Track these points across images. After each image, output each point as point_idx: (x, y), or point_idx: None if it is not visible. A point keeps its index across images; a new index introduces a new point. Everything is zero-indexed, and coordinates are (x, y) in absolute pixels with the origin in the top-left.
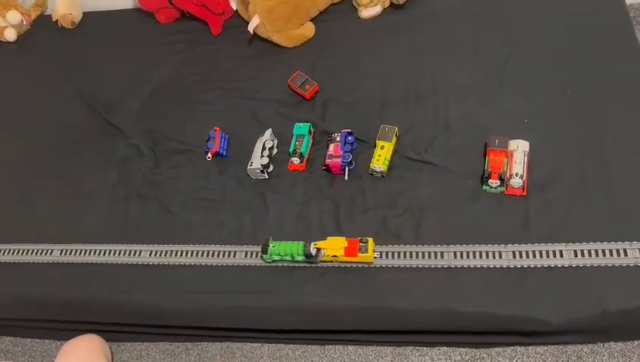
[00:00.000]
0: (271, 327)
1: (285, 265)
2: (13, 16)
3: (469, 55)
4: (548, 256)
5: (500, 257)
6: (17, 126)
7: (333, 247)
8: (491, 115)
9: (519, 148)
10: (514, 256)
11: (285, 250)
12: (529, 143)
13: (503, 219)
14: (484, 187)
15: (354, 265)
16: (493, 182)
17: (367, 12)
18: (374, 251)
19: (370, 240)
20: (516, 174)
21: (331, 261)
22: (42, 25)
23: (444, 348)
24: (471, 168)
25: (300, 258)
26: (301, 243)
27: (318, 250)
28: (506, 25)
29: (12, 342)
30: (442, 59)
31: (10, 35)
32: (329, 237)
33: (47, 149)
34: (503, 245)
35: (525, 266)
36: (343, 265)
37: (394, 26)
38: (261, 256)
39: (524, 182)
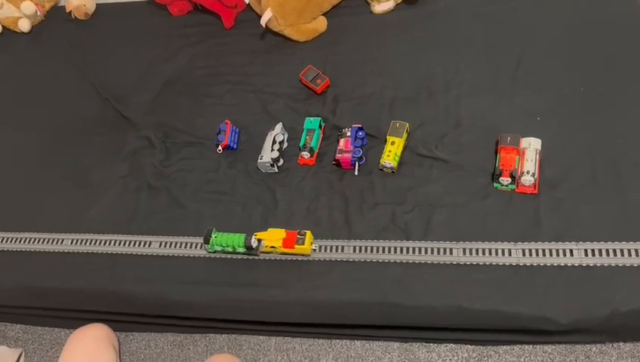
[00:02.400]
0: (278, 320)
1: (294, 258)
2: (28, 7)
3: (481, 52)
4: (558, 254)
5: (510, 255)
6: (29, 116)
7: (271, 238)
8: (503, 112)
9: (531, 145)
10: (523, 254)
11: (227, 241)
12: (541, 141)
13: (513, 217)
14: (495, 184)
15: (362, 260)
16: (504, 180)
17: (380, 7)
18: (312, 244)
19: (309, 232)
20: (527, 172)
21: (270, 252)
22: (56, 16)
23: (452, 345)
24: (482, 165)
25: (241, 249)
26: (243, 235)
27: (259, 241)
28: (520, 22)
29: (22, 329)
30: (454, 55)
31: (25, 25)
32: (269, 229)
33: (58, 140)
34: (512, 243)
35: (535, 264)
36: (351, 259)
37: (406, 21)
38: (203, 247)
39: (535, 180)
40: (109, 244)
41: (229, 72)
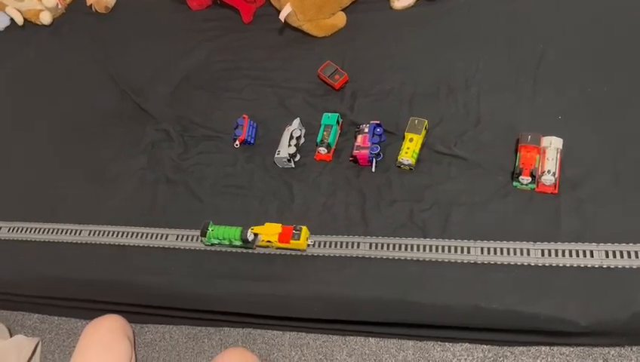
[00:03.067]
0: (292, 315)
1: (309, 253)
2: (49, 0)
3: (502, 49)
4: (578, 255)
5: (529, 255)
6: (49, 108)
7: (267, 233)
8: (524, 110)
9: (552, 144)
10: (542, 254)
11: (224, 234)
12: (562, 140)
13: (532, 217)
14: (515, 183)
15: (378, 256)
16: (524, 179)
17: (400, 3)
18: (308, 239)
19: (304, 228)
20: (548, 171)
21: (266, 246)
22: (76, 9)
23: (467, 344)
24: (501, 164)
25: (238, 242)
26: (239, 228)
27: (256, 235)
28: (542, 19)
29: (39, 319)
30: (475, 52)
31: (46, 18)
32: (266, 223)
33: (78, 132)
34: (531, 243)
35: (554, 265)
36: (367, 256)
37: (426, 17)
38: (200, 240)
39: (556, 180)
40: (127, 236)
41: (247, 66)
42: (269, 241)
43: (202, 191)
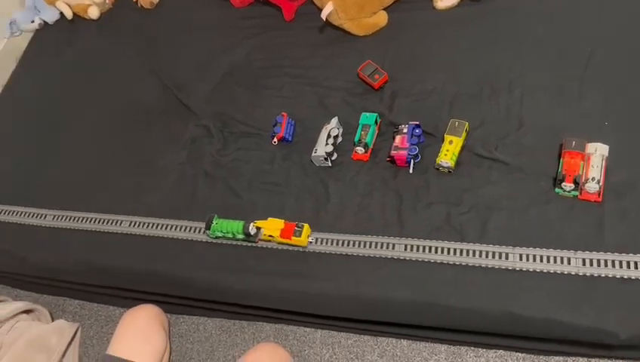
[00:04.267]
0: (325, 314)
1: (341, 252)
2: None
3: (548, 51)
4: (621, 266)
5: (569, 263)
6: (94, 101)
7: (270, 228)
8: (569, 115)
9: (597, 151)
10: (583, 264)
11: (227, 227)
12: (608, 147)
13: (574, 225)
14: (557, 190)
15: (413, 259)
16: (567, 186)
17: (444, 3)
18: (309, 236)
19: (306, 225)
20: (592, 178)
21: (268, 240)
22: (123, 4)
23: (501, 351)
24: (544, 169)
25: (241, 236)
26: (242, 222)
27: (258, 229)
28: (590, 20)
29: (80, 304)
30: (519, 54)
31: (94, 12)
32: (269, 218)
33: (122, 125)
34: (572, 251)
35: (595, 275)
36: (402, 257)
37: (470, 17)
38: (205, 232)
39: (600, 188)
40: (166, 229)
41: (287, 64)
42: (270, 236)
43: (240, 187)
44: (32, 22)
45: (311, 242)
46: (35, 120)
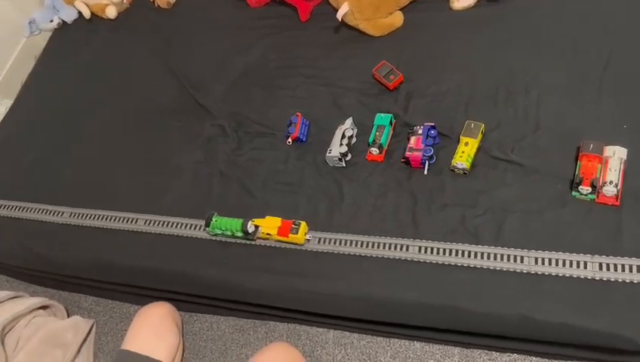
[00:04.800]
0: (338, 314)
1: (354, 253)
2: None
3: (566, 53)
4: (639, 271)
5: (585, 268)
6: (111, 100)
7: (267, 225)
8: (586, 117)
9: (615, 154)
10: (600, 268)
11: (226, 225)
12: (627, 151)
13: (591, 228)
14: (574, 193)
15: (427, 261)
16: (584, 189)
17: (460, 3)
18: (306, 234)
19: (303, 223)
20: (610, 182)
21: (266, 238)
22: (140, 4)
23: (515, 355)
24: (560, 172)
25: (239, 234)
26: (240, 220)
27: (256, 227)
28: (609, 21)
29: (95, 301)
30: (536, 55)
31: (111, 12)
32: (267, 216)
33: (138, 124)
34: (589, 255)
35: (612, 279)
36: (416, 259)
37: (486, 18)
38: (205, 229)
39: (618, 191)
40: (181, 227)
41: (302, 64)
42: (268, 234)
43: (254, 186)
44: (51, 21)
45: (308, 240)
46: (53, 118)
